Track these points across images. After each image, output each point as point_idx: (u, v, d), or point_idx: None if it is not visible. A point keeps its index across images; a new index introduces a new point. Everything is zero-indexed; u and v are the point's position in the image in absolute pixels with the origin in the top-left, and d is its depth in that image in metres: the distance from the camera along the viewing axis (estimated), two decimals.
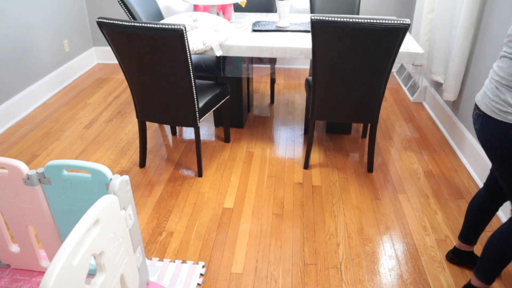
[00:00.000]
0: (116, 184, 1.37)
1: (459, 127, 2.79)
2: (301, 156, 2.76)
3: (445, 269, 1.88)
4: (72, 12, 3.99)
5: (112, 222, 1.31)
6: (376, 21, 2.05)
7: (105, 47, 4.39)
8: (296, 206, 2.29)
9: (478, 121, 1.52)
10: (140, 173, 2.58)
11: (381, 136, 3.03)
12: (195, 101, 2.31)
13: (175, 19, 2.53)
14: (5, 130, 3.10)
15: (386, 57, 2.19)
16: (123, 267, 1.39)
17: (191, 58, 2.16)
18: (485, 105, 1.47)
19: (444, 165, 2.67)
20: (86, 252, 1.16)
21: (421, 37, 3.24)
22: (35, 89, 3.45)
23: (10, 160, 1.45)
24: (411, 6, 3.92)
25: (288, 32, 2.70)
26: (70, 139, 2.97)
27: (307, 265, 1.91)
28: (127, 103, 3.53)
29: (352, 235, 2.08)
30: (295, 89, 3.88)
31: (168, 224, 2.16)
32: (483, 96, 1.49)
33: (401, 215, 2.23)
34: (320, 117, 2.51)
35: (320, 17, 2.08)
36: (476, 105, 1.53)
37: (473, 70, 2.67)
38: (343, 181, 2.51)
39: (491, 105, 1.44)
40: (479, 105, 1.50)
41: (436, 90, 3.31)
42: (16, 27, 3.19)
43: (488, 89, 1.46)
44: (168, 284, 1.79)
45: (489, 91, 1.46)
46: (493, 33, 2.42)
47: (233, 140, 2.96)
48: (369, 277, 1.84)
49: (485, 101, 1.47)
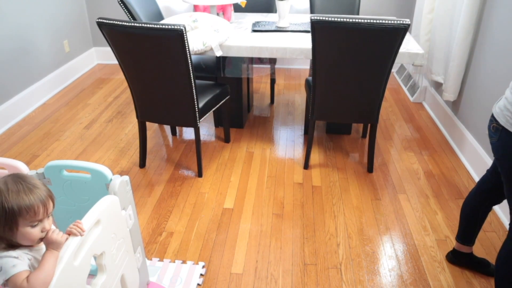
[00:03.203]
0: (116, 185, 1.37)
1: (459, 127, 2.80)
2: (301, 156, 2.76)
3: (445, 269, 1.88)
4: (72, 13, 3.99)
5: (113, 222, 1.31)
6: (376, 21, 2.05)
7: (105, 47, 4.39)
8: (296, 206, 2.29)
9: (496, 134, 1.44)
10: (140, 174, 2.58)
11: (381, 136, 3.03)
12: (195, 101, 2.31)
13: (175, 19, 2.54)
14: (5, 130, 3.10)
15: (386, 57, 2.19)
16: (124, 267, 1.39)
17: (191, 58, 2.16)
18: (505, 119, 1.38)
19: (444, 165, 2.67)
20: (87, 252, 1.16)
21: (421, 37, 3.24)
22: (35, 90, 3.45)
23: (10, 161, 1.45)
24: (411, 6, 3.92)
25: (288, 32, 2.70)
26: (70, 139, 2.97)
27: (307, 265, 1.91)
28: (127, 103, 3.53)
29: (352, 235, 2.08)
30: (295, 89, 3.88)
31: (168, 224, 2.16)
32: (502, 109, 1.40)
33: (401, 215, 2.23)
34: (320, 117, 2.51)
35: (320, 17, 2.08)
36: (494, 118, 1.44)
37: (473, 70, 2.67)
38: (343, 181, 2.51)
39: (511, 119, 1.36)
40: (497, 118, 1.42)
41: (436, 90, 3.31)
42: (16, 28, 3.19)
43: (510, 103, 1.37)
44: (168, 284, 1.79)
45: (510, 104, 1.37)
46: (493, 33, 2.42)
47: (233, 140, 2.96)
48: (369, 277, 1.85)
49: (505, 114, 1.38)
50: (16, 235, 1.06)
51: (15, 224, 1.05)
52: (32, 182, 1.09)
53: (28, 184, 1.08)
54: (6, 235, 1.06)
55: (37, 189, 1.08)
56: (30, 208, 1.05)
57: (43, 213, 1.08)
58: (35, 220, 1.06)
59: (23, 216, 1.04)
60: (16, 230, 1.05)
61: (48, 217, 1.11)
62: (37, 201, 1.06)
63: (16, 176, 1.10)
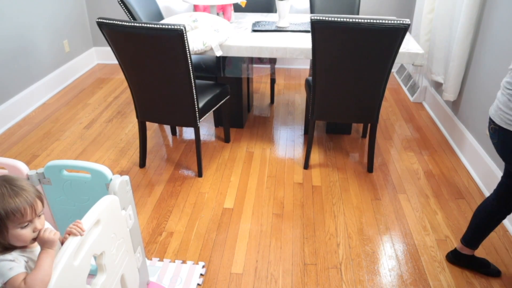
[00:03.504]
0: (116, 184, 1.37)
1: (459, 127, 2.80)
2: (301, 156, 2.76)
3: (445, 269, 1.88)
4: (72, 12, 3.99)
5: (113, 222, 1.31)
6: (376, 21, 2.05)
7: (105, 47, 4.39)
8: (296, 206, 2.29)
9: (495, 135, 1.52)
10: (140, 173, 2.58)
11: (381, 136, 3.03)
12: (195, 101, 2.31)
13: (175, 19, 2.54)
14: (5, 130, 3.10)
15: (386, 57, 2.19)
16: (124, 267, 1.39)
17: (191, 58, 2.16)
18: (499, 118, 1.46)
19: (444, 165, 2.67)
20: (87, 252, 1.16)
21: (421, 37, 3.24)
22: (35, 89, 3.45)
23: (10, 160, 1.45)
24: (411, 6, 3.92)
25: (288, 32, 2.70)
26: (70, 139, 2.97)
27: (307, 265, 1.91)
28: (127, 103, 3.53)
29: (352, 235, 2.08)
30: (295, 89, 3.88)
31: (168, 224, 2.16)
32: (496, 110, 1.48)
33: (401, 215, 2.23)
34: (320, 117, 2.51)
35: (320, 17, 2.08)
36: (491, 119, 1.52)
37: (473, 70, 2.67)
38: (343, 181, 2.51)
39: (505, 118, 1.43)
40: (493, 119, 1.49)
41: (436, 90, 3.31)
42: (16, 27, 3.18)
43: (501, 102, 1.46)
44: (168, 284, 1.79)
45: (502, 104, 1.45)
46: (493, 33, 2.42)
47: (233, 140, 2.96)
48: (369, 277, 1.85)
49: (499, 114, 1.47)
50: (7, 237, 1.07)
51: (5, 227, 1.06)
52: (18, 184, 1.10)
53: (14, 186, 1.08)
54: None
55: (23, 191, 1.09)
56: (16, 210, 1.05)
57: (31, 214, 1.08)
58: (23, 221, 1.07)
59: (10, 219, 1.05)
60: (6, 233, 1.06)
61: (39, 217, 1.12)
62: (23, 203, 1.07)
63: (2, 179, 1.10)
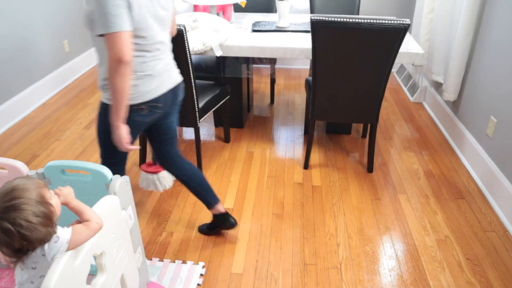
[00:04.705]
0: (116, 185, 1.37)
1: (459, 127, 2.80)
2: (301, 156, 2.76)
3: (445, 269, 1.88)
4: (72, 12, 3.99)
5: (113, 222, 1.31)
6: (376, 21, 2.05)
7: None
8: (296, 206, 2.29)
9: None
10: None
11: (381, 136, 3.03)
12: (195, 101, 2.31)
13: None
14: (5, 130, 3.10)
15: (386, 57, 2.19)
16: (124, 267, 1.39)
17: (191, 58, 2.16)
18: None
19: (444, 165, 2.67)
20: (87, 252, 1.16)
21: (421, 37, 3.24)
22: (35, 89, 3.45)
23: (10, 161, 1.46)
24: (411, 6, 3.92)
25: (288, 32, 2.70)
26: (70, 139, 2.97)
27: (307, 265, 1.91)
28: None
29: (352, 235, 2.08)
30: (295, 89, 3.88)
31: (168, 224, 2.16)
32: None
33: (401, 215, 2.23)
34: (320, 117, 2.51)
35: (320, 17, 2.09)
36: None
37: (473, 70, 2.67)
38: (343, 181, 2.51)
39: None
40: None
41: (436, 90, 3.31)
42: (16, 27, 3.18)
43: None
44: (168, 284, 1.79)
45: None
46: (493, 33, 2.42)
47: (233, 140, 2.96)
48: (369, 277, 1.85)
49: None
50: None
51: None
52: (21, 206, 1.00)
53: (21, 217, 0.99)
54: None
55: (31, 213, 1.00)
56: (46, 234, 1.05)
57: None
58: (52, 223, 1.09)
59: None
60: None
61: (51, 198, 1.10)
62: (43, 230, 1.02)
63: (5, 208, 1.00)
